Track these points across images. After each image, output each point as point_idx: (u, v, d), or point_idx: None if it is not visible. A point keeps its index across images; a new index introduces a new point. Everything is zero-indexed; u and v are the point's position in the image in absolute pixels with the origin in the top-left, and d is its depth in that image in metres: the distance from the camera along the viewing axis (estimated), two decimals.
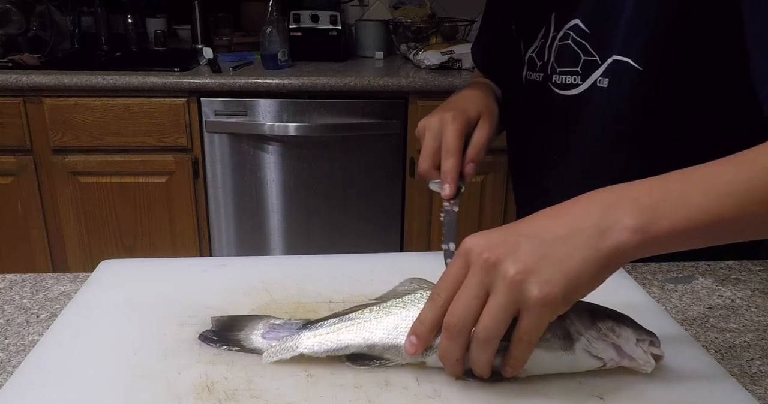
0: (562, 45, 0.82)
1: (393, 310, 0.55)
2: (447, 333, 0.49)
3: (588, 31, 0.79)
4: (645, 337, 0.53)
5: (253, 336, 0.57)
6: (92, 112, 2.05)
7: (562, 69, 0.83)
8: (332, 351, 0.54)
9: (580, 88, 0.81)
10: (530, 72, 0.88)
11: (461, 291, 0.49)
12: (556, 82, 0.84)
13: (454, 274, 0.50)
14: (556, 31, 0.83)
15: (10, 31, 2.26)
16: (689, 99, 0.77)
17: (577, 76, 0.81)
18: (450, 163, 0.75)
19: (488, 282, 0.48)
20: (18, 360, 0.59)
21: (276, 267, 0.73)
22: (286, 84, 2.05)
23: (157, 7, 2.58)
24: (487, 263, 0.48)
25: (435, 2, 2.59)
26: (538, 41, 0.87)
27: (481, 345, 0.49)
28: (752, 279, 0.77)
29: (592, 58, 0.79)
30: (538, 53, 0.86)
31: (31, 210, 2.15)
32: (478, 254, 0.48)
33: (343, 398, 0.51)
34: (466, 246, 0.50)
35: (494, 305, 0.48)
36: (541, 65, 0.86)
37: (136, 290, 0.67)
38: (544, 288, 0.46)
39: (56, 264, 2.23)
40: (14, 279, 0.75)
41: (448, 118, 0.77)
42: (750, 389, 0.56)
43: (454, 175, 0.74)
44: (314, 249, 2.26)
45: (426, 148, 0.78)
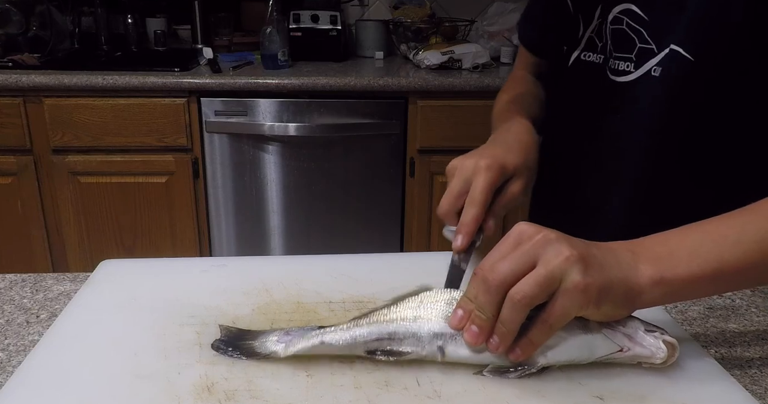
0: (616, 29, 0.80)
1: (411, 304, 0.56)
2: (485, 286, 0.51)
3: (646, 18, 0.77)
4: (653, 328, 0.54)
5: (267, 342, 0.56)
6: (92, 112, 2.05)
7: (618, 54, 0.81)
8: (352, 339, 0.54)
9: (632, 76, 0.79)
10: (588, 52, 0.86)
11: (509, 257, 0.51)
12: (611, 67, 0.82)
13: (504, 252, 0.51)
14: (604, 13, 0.81)
15: (10, 31, 2.26)
16: (736, 102, 0.76)
17: (630, 63, 0.79)
18: (471, 213, 0.69)
19: (539, 253, 0.50)
20: (18, 360, 0.59)
21: (276, 267, 0.72)
22: (286, 84, 2.05)
23: (157, 7, 2.58)
24: (544, 239, 0.51)
25: (435, 2, 2.59)
26: (596, 21, 0.84)
27: (512, 306, 0.50)
28: None
29: (649, 46, 0.77)
30: (598, 34, 0.84)
31: (31, 210, 2.15)
32: (536, 231, 0.51)
33: (343, 398, 0.51)
34: (520, 228, 0.52)
35: (537, 273, 0.50)
36: (602, 47, 0.83)
37: (136, 290, 0.67)
38: (587, 278, 0.49)
39: (56, 264, 2.23)
40: (14, 279, 0.75)
41: (482, 165, 0.71)
42: (750, 389, 0.56)
43: (472, 227, 0.69)
44: (314, 249, 2.26)
45: (451, 189, 0.72)
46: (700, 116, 0.77)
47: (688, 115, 0.77)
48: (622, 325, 0.54)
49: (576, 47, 0.87)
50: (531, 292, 0.49)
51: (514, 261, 0.50)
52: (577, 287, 0.49)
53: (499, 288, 0.50)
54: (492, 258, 0.52)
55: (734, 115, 0.76)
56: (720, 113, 0.77)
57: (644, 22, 0.77)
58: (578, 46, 0.87)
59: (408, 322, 0.54)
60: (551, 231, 0.52)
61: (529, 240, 0.51)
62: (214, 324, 0.60)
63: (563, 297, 0.50)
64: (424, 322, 0.54)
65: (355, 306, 0.64)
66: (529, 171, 0.77)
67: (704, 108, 0.76)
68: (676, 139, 0.79)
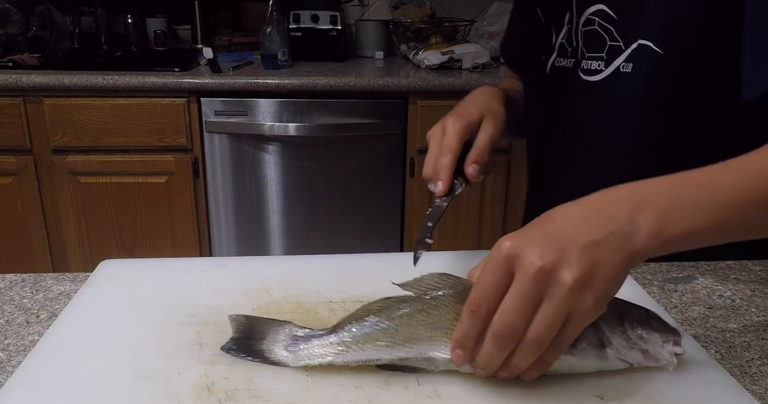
0: (588, 30, 0.82)
1: (421, 317, 0.53)
2: (496, 341, 0.48)
3: (615, 17, 0.79)
4: (670, 338, 0.54)
5: (275, 347, 0.55)
6: (92, 112, 2.05)
7: (590, 54, 0.83)
8: (362, 362, 0.53)
9: (603, 74, 0.82)
10: (560, 58, 0.88)
11: (511, 299, 0.47)
12: (583, 68, 0.84)
13: (496, 282, 0.48)
14: (578, 16, 0.83)
15: (10, 31, 2.26)
16: (706, 93, 0.77)
17: (601, 62, 0.81)
18: (444, 160, 0.74)
19: (542, 290, 0.47)
20: (18, 360, 0.59)
21: (276, 267, 0.72)
22: (286, 84, 2.05)
23: (157, 7, 2.58)
24: (541, 272, 0.46)
25: (435, 2, 2.59)
26: (566, 26, 0.87)
27: (531, 351, 0.48)
28: (752, 279, 0.77)
29: (617, 43, 0.79)
30: (568, 39, 0.86)
31: (31, 210, 2.15)
32: (529, 262, 0.47)
33: (343, 398, 0.51)
34: (508, 251, 0.48)
35: (550, 313, 0.47)
36: (572, 51, 0.86)
37: (136, 290, 0.67)
38: (597, 294, 0.47)
39: (56, 264, 2.23)
40: (14, 279, 0.75)
41: (449, 121, 0.77)
42: (750, 389, 0.56)
43: (447, 172, 0.73)
44: (314, 249, 2.26)
45: (430, 153, 0.77)
46: (672, 108, 0.78)
47: (661, 108, 0.79)
48: (641, 341, 0.53)
49: (550, 55, 0.89)
50: (547, 334, 0.47)
51: (520, 308, 0.47)
52: (591, 310, 0.47)
53: (513, 340, 0.48)
54: (485, 292, 0.48)
55: (706, 105, 0.78)
56: (692, 103, 0.78)
57: (613, 20, 0.79)
58: (552, 54, 0.89)
59: (422, 345, 0.52)
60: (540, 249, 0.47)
61: (526, 270, 0.47)
62: (214, 324, 0.60)
63: (578, 321, 0.48)
64: (439, 345, 0.52)
65: (355, 306, 0.64)
66: (496, 116, 0.81)
67: (676, 99, 0.78)
68: (653, 133, 0.80)
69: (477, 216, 2.23)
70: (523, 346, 0.48)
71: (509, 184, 2.17)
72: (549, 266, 0.46)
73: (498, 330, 0.47)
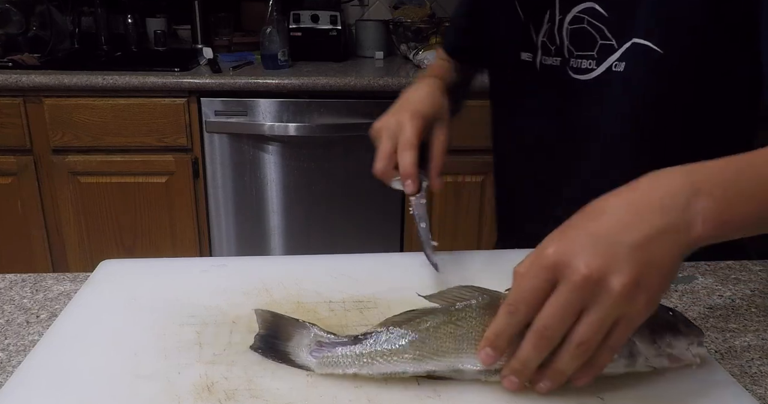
0: (576, 28, 0.81)
1: (448, 329, 0.52)
2: (535, 340, 0.47)
3: (606, 15, 0.78)
4: (694, 340, 0.53)
5: (300, 351, 0.55)
6: (92, 112, 2.05)
7: (579, 53, 0.82)
8: (388, 374, 0.52)
9: (595, 73, 0.81)
10: (546, 57, 0.86)
11: (554, 305, 0.46)
12: (572, 67, 0.83)
13: (538, 287, 0.46)
14: (563, 14, 0.82)
15: (10, 31, 2.26)
16: (704, 93, 0.77)
17: (592, 61, 0.81)
18: (408, 158, 0.73)
19: (587, 297, 0.45)
20: (18, 360, 0.59)
21: (276, 267, 0.72)
22: (286, 84, 2.05)
23: (157, 7, 2.58)
24: (587, 281, 0.45)
25: (435, 2, 2.59)
26: (545, 25, 0.85)
27: (577, 355, 0.47)
28: (752, 279, 0.77)
29: (609, 42, 0.78)
30: (549, 38, 0.85)
31: (31, 210, 2.15)
32: (575, 271, 0.45)
33: (343, 398, 0.51)
34: (552, 258, 0.46)
35: (596, 318, 0.45)
36: (556, 49, 0.84)
37: (136, 290, 0.67)
38: (649, 295, 0.46)
39: (56, 264, 2.23)
40: (14, 279, 0.75)
41: (405, 118, 0.76)
42: (750, 389, 0.56)
43: (414, 170, 0.73)
44: (314, 249, 2.26)
45: (382, 148, 0.76)
46: (668, 107, 0.78)
47: (656, 107, 0.79)
48: (669, 347, 0.52)
49: (535, 53, 0.87)
50: (594, 339, 0.46)
51: (563, 313, 0.46)
52: (641, 312, 0.46)
53: (552, 342, 0.47)
54: (525, 296, 0.47)
55: (704, 104, 0.78)
56: (690, 103, 0.78)
57: (604, 18, 0.78)
58: (537, 52, 0.87)
59: (450, 358, 0.51)
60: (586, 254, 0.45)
61: (572, 278, 0.45)
62: (214, 324, 0.60)
63: (628, 324, 0.46)
64: (467, 357, 0.51)
65: (355, 306, 0.64)
66: (446, 113, 0.82)
67: (673, 99, 0.78)
68: (647, 132, 0.80)
69: (477, 216, 2.23)
70: (569, 349, 0.47)
71: None
72: (596, 274, 0.45)
73: (539, 329, 0.46)
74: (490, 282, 0.56)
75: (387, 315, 0.62)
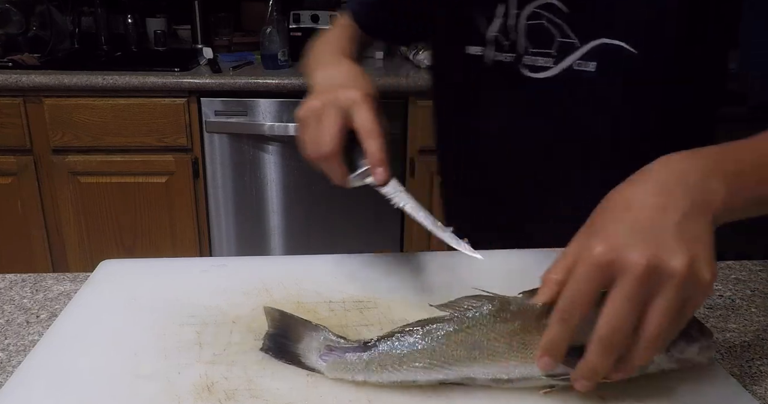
0: (534, 24, 0.78)
1: (459, 338, 0.51)
2: (603, 348, 0.45)
3: (566, 11, 0.75)
4: (705, 343, 0.53)
5: (310, 353, 0.54)
6: (92, 112, 2.05)
7: (535, 50, 0.79)
8: (398, 382, 0.52)
9: (552, 71, 0.78)
10: (497, 52, 0.82)
11: (618, 304, 0.45)
12: (526, 64, 0.79)
13: (592, 290, 0.45)
14: (519, 8, 0.78)
15: (10, 31, 2.26)
16: (677, 95, 0.78)
17: (549, 59, 0.78)
18: (377, 144, 0.65)
19: (651, 287, 0.44)
20: (18, 360, 0.59)
21: (276, 267, 0.72)
22: (286, 84, 2.05)
23: (157, 7, 2.58)
24: (649, 270, 0.44)
25: None
26: (497, 19, 0.80)
27: (652, 347, 0.46)
28: (752, 279, 0.77)
29: (570, 40, 0.76)
30: (503, 32, 0.80)
31: (31, 210, 2.15)
32: (633, 264, 0.44)
33: (343, 398, 0.51)
34: (605, 257, 0.45)
35: (668, 306, 0.45)
36: (510, 45, 0.80)
37: (136, 290, 0.67)
38: (710, 267, 0.45)
39: (56, 264, 2.23)
40: (14, 279, 0.75)
41: (359, 97, 0.66)
42: (750, 389, 0.56)
43: (384, 156, 0.65)
44: (314, 249, 2.26)
45: (331, 124, 0.65)
46: (640, 109, 0.78)
47: (626, 109, 0.78)
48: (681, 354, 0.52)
49: (486, 48, 0.83)
50: (668, 328, 0.45)
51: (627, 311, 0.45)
52: (707, 286, 0.45)
53: (621, 345, 0.46)
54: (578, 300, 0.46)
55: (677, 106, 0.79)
56: (660, 104, 0.78)
57: (565, 15, 0.76)
58: (486, 46, 0.82)
59: (461, 367, 0.51)
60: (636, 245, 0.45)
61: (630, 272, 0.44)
62: (214, 324, 0.60)
63: (693, 306, 0.46)
64: (479, 366, 0.51)
65: (355, 306, 0.64)
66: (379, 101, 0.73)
67: (645, 101, 0.78)
68: (612, 133, 0.80)
69: None
70: (645, 343, 0.46)
71: None
72: (655, 261, 0.44)
73: (606, 335, 0.45)
74: (490, 283, 0.56)
75: (387, 315, 0.62)
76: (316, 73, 0.77)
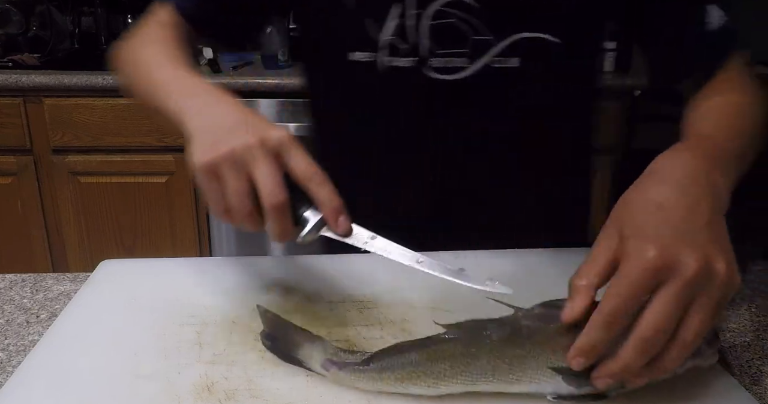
0: (442, 24, 0.73)
1: (465, 360, 0.50)
2: (644, 347, 0.45)
3: (479, 7, 0.72)
4: (716, 348, 0.53)
5: (311, 361, 0.53)
6: (92, 112, 2.05)
7: (445, 50, 0.74)
8: (401, 395, 0.51)
9: (467, 72, 0.74)
10: (393, 57, 0.75)
11: (667, 304, 0.45)
12: (434, 67, 0.74)
13: (641, 293, 0.45)
14: (420, 8, 0.73)
15: (10, 31, 2.26)
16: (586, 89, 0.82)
17: (464, 58, 0.74)
18: (329, 188, 0.54)
19: (696, 289, 0.45)
20: (18, 360, 0.59)
21: (276, 267, 0.72)
22: (286, 84, 2.05)
23: None
24: (700, 273, 0.45)
25: None
26: (391, 21, 0.74)
27: (689, 349, 0.46)
28: (752, 279, 0.77)
29: (485, 37, 0.73)
30: (400, 36, 0.74)
31: (31, 210, 2.15)
32: (686, 266, 0.45)
33: (343, 398, 0.51)
34: (660, 261, 0.45)
35: (710, 306, 0.45)
36: (410, 49, 0.74)
37: (136, 290, 0.67)
38: (735, 266, 0.46)
39: (56, 264, 2.23)
40: (14, 279, 0.75)
41: (285, 137, 0.54)
42: (750, 389, 0.56)
43: (341, 201, 0.55)
44: (314, 250, 2.26)
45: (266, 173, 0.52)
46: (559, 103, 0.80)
47: (549, 103, 0.79)
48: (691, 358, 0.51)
49: (377, 53, 0.76)
50: (708, 326, 0.46)
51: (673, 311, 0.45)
52: (735, 287, 0.46)
53: (660, 344, 0.46)
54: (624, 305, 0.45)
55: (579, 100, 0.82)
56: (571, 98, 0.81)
57: (477, 12, 0.72)
58: (378, 51, 0.75)
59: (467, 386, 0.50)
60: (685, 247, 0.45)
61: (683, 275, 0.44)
62: (214, 324, 0.60)
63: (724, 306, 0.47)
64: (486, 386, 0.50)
65: (355, 306, 0.64)
66: None
67: (565, 95, 0.80)
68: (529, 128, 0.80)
69: None
70: (679, 345, 0.46)
71: None
72: (704, 264, 0.45)
73: (651, 335, 0.45)
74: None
75: (387, 315, 0.62)
76: (188, 107, 0.60)
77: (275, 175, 0.52)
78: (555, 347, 0.49)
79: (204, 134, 0.56)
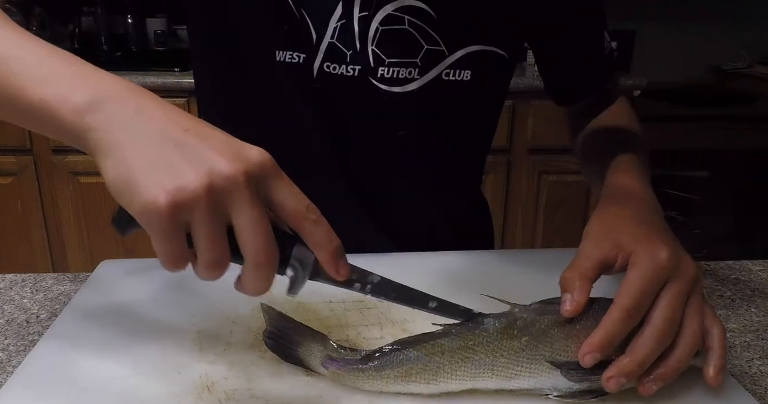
0: (393, 30, 0.68)
1: (465, 354, 0.50)
2: (660, 338, 0.49)
3: (435, 17, 0.68)
4: None
5: (310, 358, 0.53)
6: None
7: (394, 60, 0.69)
8: (401, 393, 0.51)
9: (415, 84, 0.70)
10: (332, 64, 0.69)
11: (675, 299, 0.50)
12: (382, 77, 0.69)
13: (656, 289, 0.50)
14: (367, 10, 0.67)
15: None
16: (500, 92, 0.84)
17: (414, 69, 0.69)
18: (323, 228, 0.45)
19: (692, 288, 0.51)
20: (18, 360, 0.59)
21: None
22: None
23: (157, 7, 2.58)
24: (698, 274, 0.52)
25: None
26: (335, 23, 0.68)
27: (694, 343, 0.50)
28: (752, 279, 0.77)
29: (438, 48, 0.69)
30: (343, 40, 0.68)
31: (31, 210, 2.15)
32: (688, 266, 0.51)
33: (343, 398, 0.51)
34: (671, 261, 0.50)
35: (700, 301, 0.52)
36: (354, 56, 0.69)
37: (136, 290, 0.67)
38: None
39: (56, 264, 2.23)
40: (14, 279, 0.75)
41: (267, 162, 0.42)
42: (750, 389, 0.56)
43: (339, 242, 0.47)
44: None
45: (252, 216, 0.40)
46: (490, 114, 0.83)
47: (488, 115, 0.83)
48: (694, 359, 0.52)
49: (313, 57, 0.69)
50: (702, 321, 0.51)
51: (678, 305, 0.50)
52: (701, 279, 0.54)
53: (672, 335, 0.50)
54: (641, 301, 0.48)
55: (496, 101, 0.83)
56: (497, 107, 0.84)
57: (433, 21, 0.68)
58: (316, 56, 0.69)
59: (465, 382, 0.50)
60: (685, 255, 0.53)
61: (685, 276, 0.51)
62: (214, 324, 0.60)
63: None
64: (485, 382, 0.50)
65: (355, 306, 0.64)
66: None
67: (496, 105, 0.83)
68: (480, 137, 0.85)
69: None
70: (685, 339, 0.50)
71: (509, 183, 2.17)
72: (695, 264, 0.52)
73: (663, 328, 0.49)
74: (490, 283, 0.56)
75: (387, 315, 0.62)
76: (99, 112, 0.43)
77: (265, 223, 0.41)
78: (552, 339, 0.49)
79: (144, 156, 0.39)
